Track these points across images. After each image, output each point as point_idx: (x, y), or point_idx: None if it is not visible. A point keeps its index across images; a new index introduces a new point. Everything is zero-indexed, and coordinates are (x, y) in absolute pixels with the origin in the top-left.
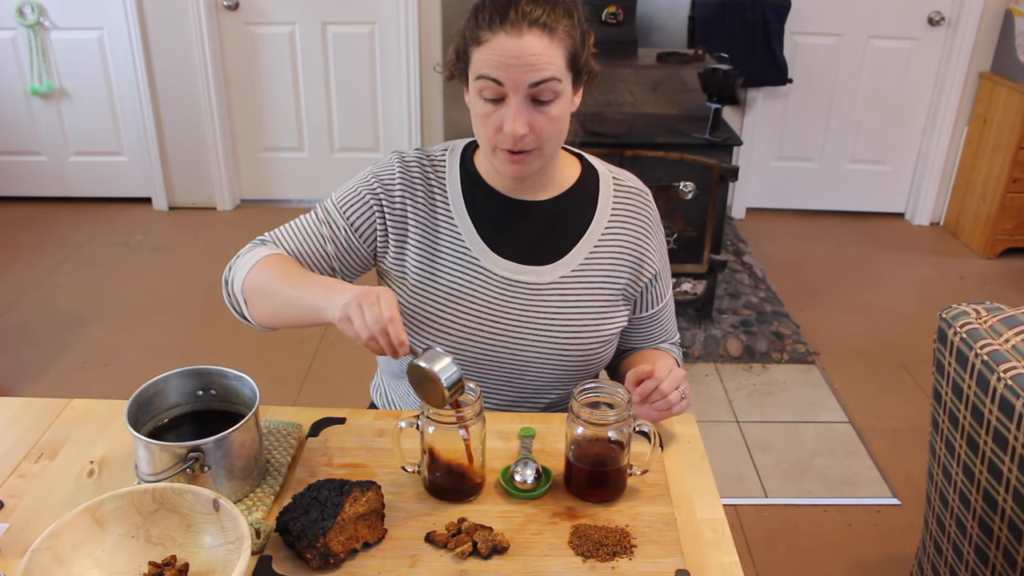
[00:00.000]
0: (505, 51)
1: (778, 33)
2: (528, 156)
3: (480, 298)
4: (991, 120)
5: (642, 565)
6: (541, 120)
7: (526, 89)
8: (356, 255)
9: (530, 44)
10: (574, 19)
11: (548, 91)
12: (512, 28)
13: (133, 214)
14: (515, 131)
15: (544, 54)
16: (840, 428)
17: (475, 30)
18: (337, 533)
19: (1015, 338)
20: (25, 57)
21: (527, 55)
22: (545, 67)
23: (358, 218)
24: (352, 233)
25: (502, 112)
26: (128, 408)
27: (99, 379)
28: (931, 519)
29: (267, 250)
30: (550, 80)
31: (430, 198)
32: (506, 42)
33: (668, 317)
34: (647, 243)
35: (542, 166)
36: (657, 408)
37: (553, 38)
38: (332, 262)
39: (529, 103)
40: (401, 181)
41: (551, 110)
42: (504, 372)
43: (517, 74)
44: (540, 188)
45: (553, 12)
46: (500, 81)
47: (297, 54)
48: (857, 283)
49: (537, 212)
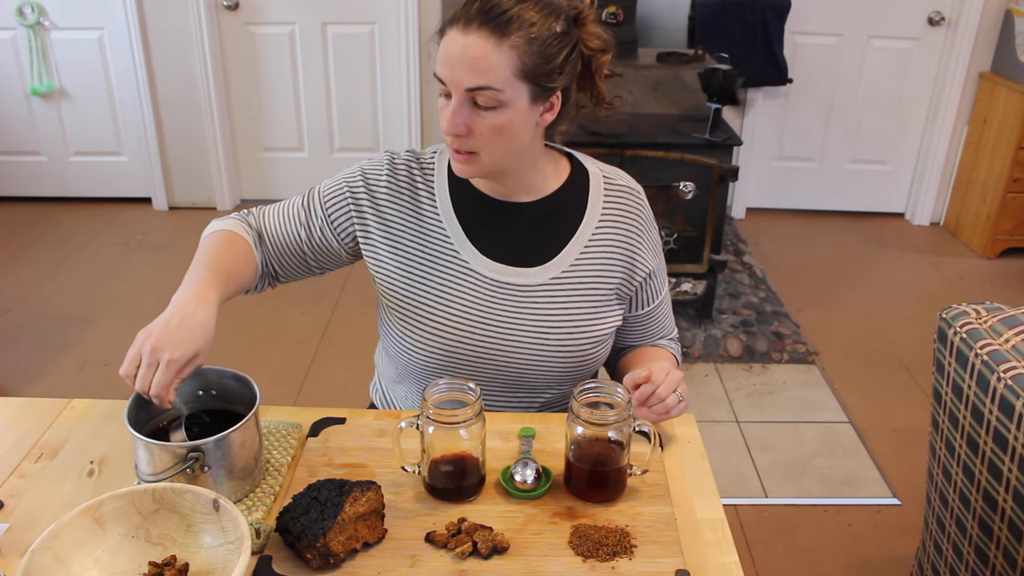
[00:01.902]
0: (451, 49)
1: (778, 33)
2: (468, 157)
3: (469, 300)
4: (991, 120)
5: (642, 565)
6: (481, 124)
7: (464, 91)
8: (328, 247)
9: (473, 45)
10: (546, 27)
11: (486, 98)
12: (463, 24)
13: (133, 214)
14: (447, 129)
15: (484, 58)
16: (840, 428)
17: (442, 21)
18: (337, 533)
19: (1015, 338)
20: (25, 57)
21: (467, 56)
22: (483, 73)
23: (336, 211)
24: (328, 224)
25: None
26: (128, 408)
27: (99, 379)
28: (931, 519)
29: (227, 224)
30: (485, 88)
31: (416, 200)
32: (454, 39)
33: (665, 314)
34: (640, 242)
35: (490, 170)
36: (655, 411)
37: (502, 44)
38: (303, 246)
39: (469, 104)
40: (388, 181)
41: (494, 118)
42: (497, 373)
43: (456, 74)
44: (525, 190)
45: (520, 13)
46: (442, 79)
47: (297, 54)
48: (857, 283)
49: (525, 213)
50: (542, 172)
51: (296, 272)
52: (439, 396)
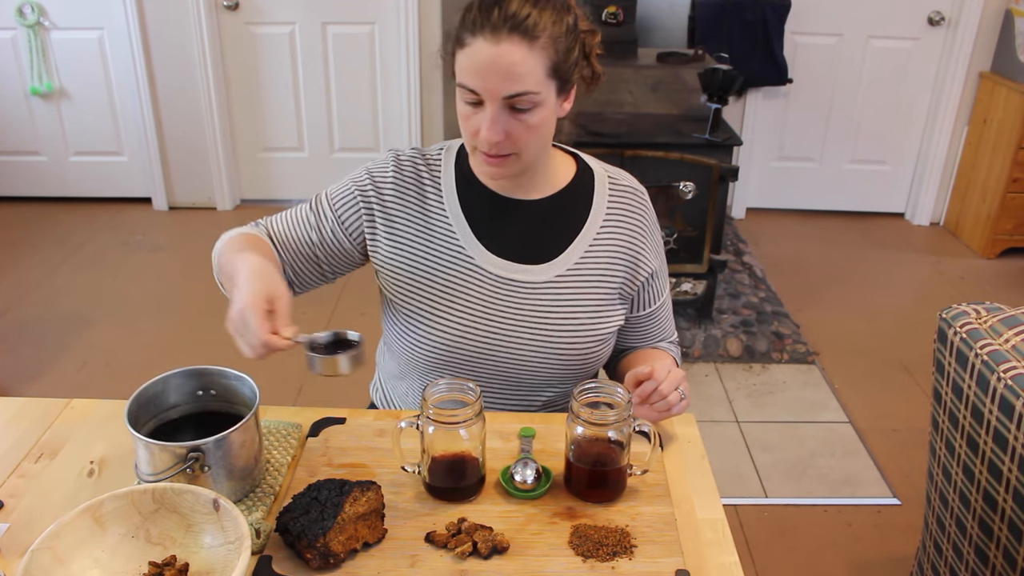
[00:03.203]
0: (482, 59)
1: (778, 33)
2: (506, 160)
3: (475, 297)
4: (991, 120)
5: (642, 565)
6: (518, 128)
7: (501, 99)
8: (341, 249)
9: (507, 53)
10: (563, 25)
11: (525, 101)
12: (492, 34)
13: (133, 214)
14: (489, 139)
15: (521, 64)
16: (840, 428)
17: (460, 30)
18: (337, 533)
19: (1015, 338)
20: (25, 57)
21: (503, 64)
22: (521, 79)
23: (346, 212)
24: (339, 226)
25: (480, 116)
26: (128, 408)
27: (99, 379)
28: (931, 519)
29: (249, 229)
30: (524, 94)
31: (423, 197)
32: (484, 49)
33: (666, 316)
34: (643, 242)
35: (523, 169)
36: (657, 409)
37: (534, 47)
38: (316, 250)
39: (507, 110)
40: (394, 179)
41: (530, 118)
42: (499, 370)
43: (492, 83)
44: (533, 187)
45: (540, 16)
46: (475, 91)
47: (297, 54)
48: (857, 283)
49: (531, 211)
50: (553, 168)
51: (310, 278)
52: (439, 396)
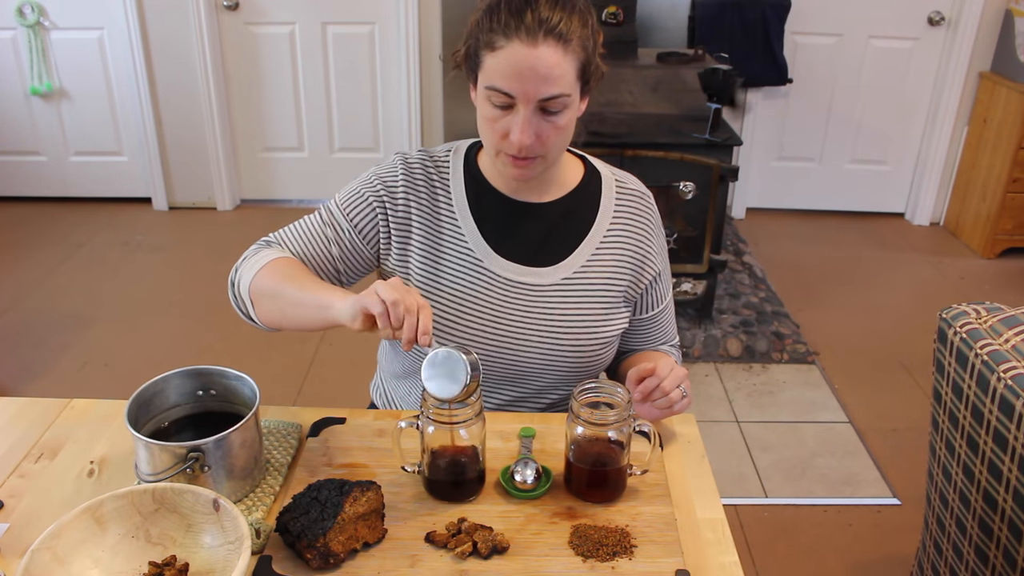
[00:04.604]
0: (518, 61)
1: (778, 33)
2: (533, 162)
3: (483, 299)
4: (991, 120)
5: (642, 565)
6: (548, 129)
7: (536, 102)
8: (360, 257)
9: (544, 56)
10: (588, 27)
11: (557, 104)
12: (527, 36)
13: (133, 214)
14: (522, 141)
15: (557, 67)
16: (840, 428)
17: (489, 33)
18: (337, 533)
19: (1015, 338)
20: (25, 57)
21: (541, 67)
22: (557, 81)
23: (361, 219)
24: (356, 235)
25: (509, 119)
26: (128, 408)
27: (99, 379)
28: (931, 519)
29: (275, 252)
30: (559, 96)
31: (433, 199)
32: (520, 51)
33: (668, 319)
34: (648, 245)
35: (546, 170)
36: (659, 406)
37: (568, 50)
38: (337, 264)
39: (538, 113)
40: (404, 182)
41: (559, 120)
42: (506, 373)
43: (529, 87)
44: (544, 190)
45: (570, 20)
46: (510, 94)
47: (297, 54)
48: (857, 283)
49: (540, 214)
50: (563, 171)
51: None
52: None
